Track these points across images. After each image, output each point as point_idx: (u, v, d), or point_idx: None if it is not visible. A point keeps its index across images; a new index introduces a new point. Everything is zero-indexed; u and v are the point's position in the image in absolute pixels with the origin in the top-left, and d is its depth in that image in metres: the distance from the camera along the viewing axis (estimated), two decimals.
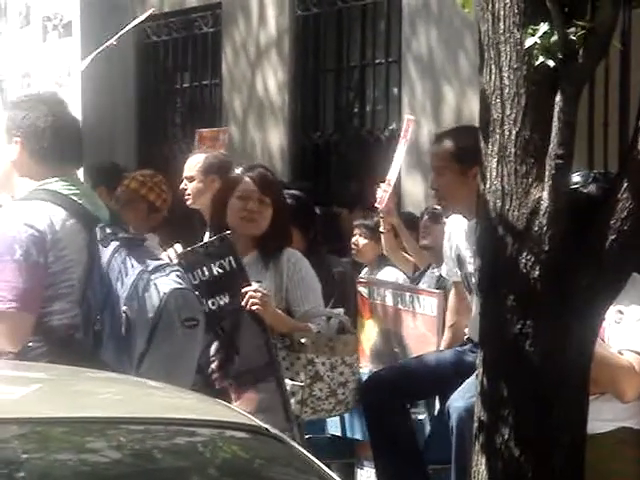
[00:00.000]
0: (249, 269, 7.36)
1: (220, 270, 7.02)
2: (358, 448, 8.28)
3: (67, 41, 8.30)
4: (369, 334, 8.69)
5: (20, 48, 8.34)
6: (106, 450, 3.65)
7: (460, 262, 7.58)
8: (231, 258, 7.15)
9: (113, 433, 3.68)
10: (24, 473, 3.48)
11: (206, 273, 7.14)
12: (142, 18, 11.43)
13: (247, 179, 7.51)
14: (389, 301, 8.66)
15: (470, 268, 7.14)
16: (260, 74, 15.85)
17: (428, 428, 8.14)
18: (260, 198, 7.45)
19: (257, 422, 3.88)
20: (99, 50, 8.73)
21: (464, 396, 7.05)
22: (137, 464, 3.67)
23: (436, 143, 7.70)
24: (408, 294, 8.55)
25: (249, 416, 4.04)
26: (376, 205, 9.56)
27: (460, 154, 6.93)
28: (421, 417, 8.10)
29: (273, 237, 7.61)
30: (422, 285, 9.09)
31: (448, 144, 7.29)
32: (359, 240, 9.89)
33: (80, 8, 7.69)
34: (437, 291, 8.36)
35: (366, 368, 8.41)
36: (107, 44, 9.08)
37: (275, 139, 15.48)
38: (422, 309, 8.37)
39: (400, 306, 8.63)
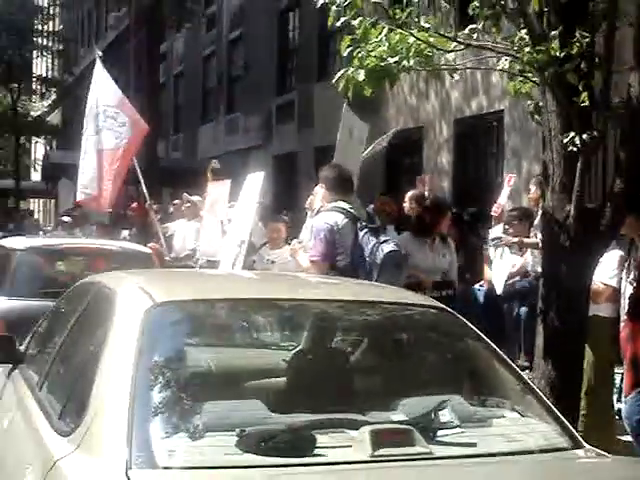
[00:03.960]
0: (438, 247, 7.69)
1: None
2: None
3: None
4: (488, 273, 8.98)
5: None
6: (358, 318, 3.87)
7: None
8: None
9: (361, 310, 3.83)
10: (314, 322, 3.85)
11: None
12: (390, 134, 11.25)
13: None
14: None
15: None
16: (439, 158, 15.93)
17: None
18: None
19: (441, 305, 3.92)
20: (370, 149, 9.27)
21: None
22: (375, 327, 3.88)
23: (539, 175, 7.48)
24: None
25: (437, 302, 4.01)
26: (492, 213, 9.87)
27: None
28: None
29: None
30: None
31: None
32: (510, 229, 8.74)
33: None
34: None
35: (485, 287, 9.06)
36: (376, 148, 9.52)
37: (447, 187, 15.49)
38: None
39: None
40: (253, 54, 25.73)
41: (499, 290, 8.32)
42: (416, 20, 5.52)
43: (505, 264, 8.36)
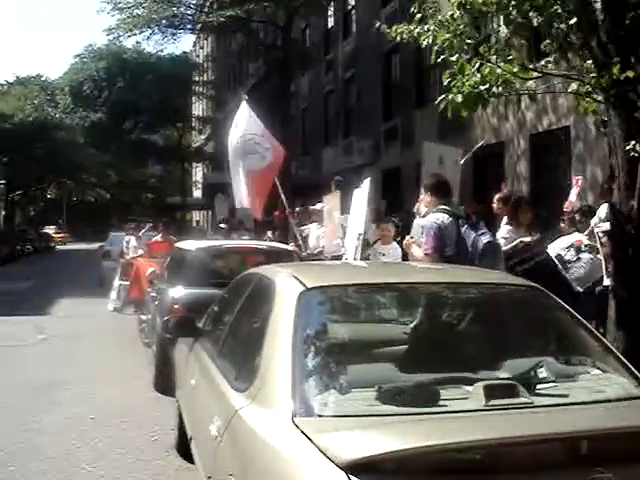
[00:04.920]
0: (526, 234, 7.23)
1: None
2: None
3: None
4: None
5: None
6: (463, 296, 3.79)
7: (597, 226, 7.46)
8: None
9: (465, 289, 3.79)
10: (427, 300, 3.71)
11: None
12: (477, 147, 10.60)
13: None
14: None
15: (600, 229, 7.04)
16: (518, 169, 15.67)
17: None
18: None
19: (532, 283, 3.75)
20: (467, 156, 9.00)
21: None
22: (477, 303, 3.75)
23: (609, 177, 7.27)
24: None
25: (528, 282, 3.83)
26: (564, 209, 9.26)
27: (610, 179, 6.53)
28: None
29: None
30: None
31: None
32: (576, 217, 8.28)
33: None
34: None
35: None
36: (467, 156, 8.94)
37: (525, 190, 14.88)
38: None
39: None
40: (364, 89, 26.02)
41: (581, 289, 7.52)
42: (501, 54, 5.47)
43: (585, 265, 7.67)
